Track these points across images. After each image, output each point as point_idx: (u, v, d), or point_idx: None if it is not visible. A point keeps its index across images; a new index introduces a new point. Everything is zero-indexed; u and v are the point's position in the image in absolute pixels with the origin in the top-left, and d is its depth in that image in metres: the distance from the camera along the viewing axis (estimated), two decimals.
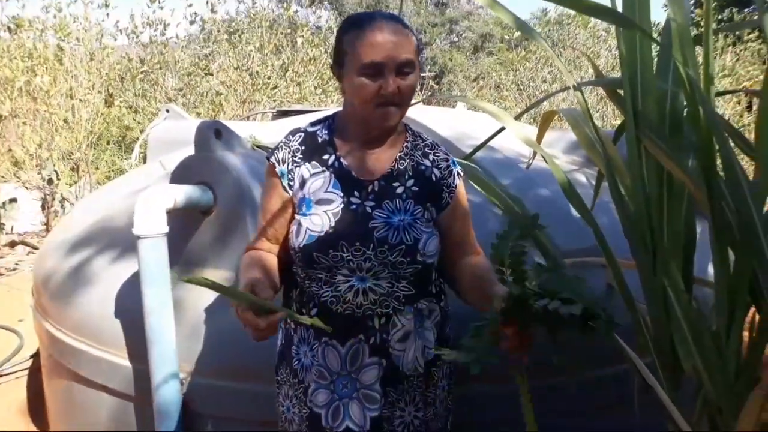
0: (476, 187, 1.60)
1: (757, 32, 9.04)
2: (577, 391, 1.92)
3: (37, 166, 6.80)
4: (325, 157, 1.44)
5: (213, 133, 2.05)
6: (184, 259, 2.08)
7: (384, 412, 1.41)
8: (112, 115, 7.67)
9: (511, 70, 9.64)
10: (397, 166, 1.44)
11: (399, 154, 1.45)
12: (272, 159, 1.46)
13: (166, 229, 1.87)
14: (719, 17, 10.54)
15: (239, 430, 1.93)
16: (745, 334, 1.39)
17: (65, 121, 6.48)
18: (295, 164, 1.43)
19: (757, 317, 1.36)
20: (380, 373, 1.40)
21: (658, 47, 1.53)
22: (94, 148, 7.26)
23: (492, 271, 1.39)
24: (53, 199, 7.00)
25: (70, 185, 7.08)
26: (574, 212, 2.08)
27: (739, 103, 7.05)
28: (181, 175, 2.04)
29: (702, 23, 1.38)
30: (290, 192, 1.43)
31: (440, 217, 1.45)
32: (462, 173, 1.51)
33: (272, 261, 1.44)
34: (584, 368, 1.90)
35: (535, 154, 2.00)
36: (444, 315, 1.51)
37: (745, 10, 10.76)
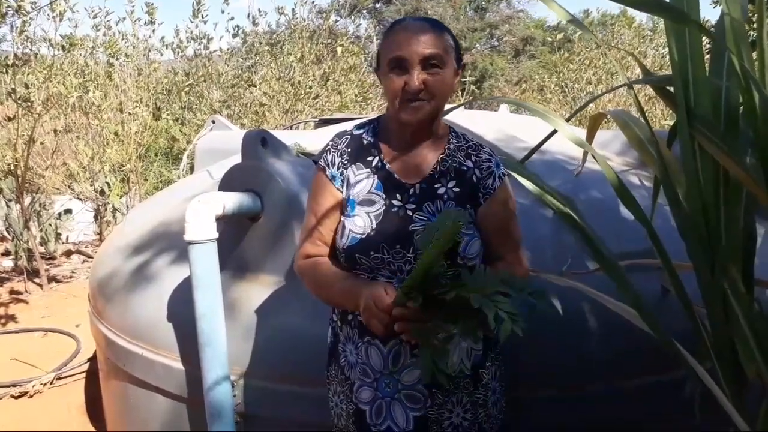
0: (528, 187, 1.58)
1: None
2: (635, 397, 1.87)
3: (89, 178, 7.04)
4: (370, 159, 1.45)
5: (259, 142, 2.09)
6: (234, 263, 2.12)
7: (431, 413, 1.41)
8: (159, 128, 7.88)
9: (554, 73, 9.51)
10: (440, 168, 1.44)
11: (441, 155, 1.45)
12: (321, 162, 1.47)
13: (216, 234, 1.91)
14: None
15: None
16: None
17: (116, 134, 6.70)
18: (343, 166, 1.45)
19: None
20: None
21: (710, 44, 1.49)
22: (143, 160, 7.47)
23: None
24: (105, 209, 7.23)
25: (121, 196, 7.30)
26: (627, 214, 2.04)
27: None
28: (229, 182, 2.08)
29: (754, 19, 1.34)
30: (343, 192, 1.44)
31: (478, 218, 1.43)
32: (505, 175, 1.49)
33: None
34: (642, 374, 1.85)
35: (585, 156, 1.97)
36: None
37: None
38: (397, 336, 1.35)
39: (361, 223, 1.40)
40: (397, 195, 1.41)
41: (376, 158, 1.45)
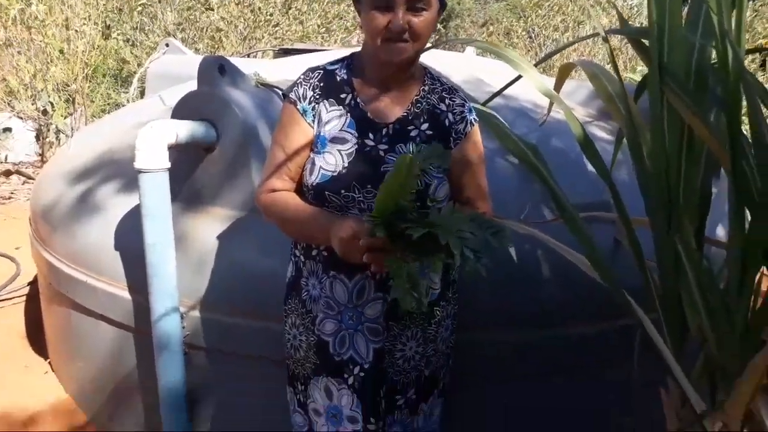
0: (492, 133, 1.56)
1: None
2: (579, 343, 1.93)
3: (31, 96, 6.66)
4: (343, 96, 1.40)
5: (217, 69, 1.98)
6: (185, 194, 2.05)
7: (386, 344, 1.44)
8: (108, 48, 7.45)
9: (522, 17, 9.39)
10: (413, 109, 1.41)
11: (416, 97, 1.42)
12: (293, 96, 1.41)
13: (168, 164, 1.82)
14: None
15: (240, 364, 1.94)
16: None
17: (61, 51, 6.31)
18: (315, 101, 1.40)
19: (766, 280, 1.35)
20: (384, 308, 1.42)
21: None
22: (90, 81, 7.09)
23: None
24: (48, 130, 6.89)
25: (65, 117, 6.95)
26: (586, 166, 2.05)
27: (753, 61, 6.90)
28: (183, 110, 1.98)
29: None
30: (314, 128, 1.39)
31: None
32: (476, 121, 1.47)
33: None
34: (587, 321, 1.91)
35: (551, 105, 1.94)
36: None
37: None
38: (365, 270, 1.35)
39: (332, 160, 1.36)
40: (370, 134, 1.38)
41: (349, 96, 1.40)
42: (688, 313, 1.39)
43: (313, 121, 1.39)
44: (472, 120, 1.46)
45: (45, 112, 6.80)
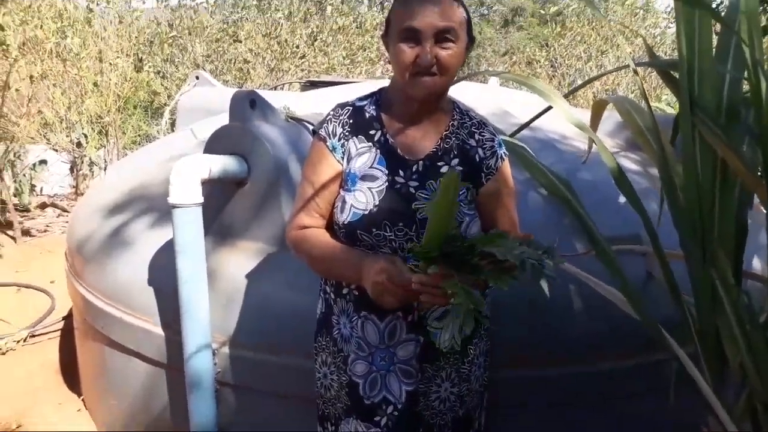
0: (522, 165, 1.56)
1: None
2: (612, 378, 1.89)
3: (66, 128, 6.85)
4: (372, 132, 1.41)
5: (248, 103, 2.03)
6: (216, 229, 2.08)
7: (420, 386, 1.42)
8: (140, 80, 7.67)
9: (545, 47, 9.42)
10: (443, 144, 1.41)
11: (445, 132, 1.42)
12: (322, 132, 1.42)
13: (201, 199, 1.86)
14: None
15: (270, 402, 1.95)
16: None
17: (95, 84, 6.50)
18: (344, 137, 1.41)
19: None
20: (417, 349, 1.40)
21: (718, 29, 1.46)
22: (122, 113, 7.28)
23: None
24: (82, 162, 7.06)
25: (98, 149, 7.12)
26: (618, 198, 2.04)
27: None
28: (215, 144, 2.02)
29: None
30: (344, 165, 1.40)
31: (479, 198, 1.42)
32: (507, 155, 1.47)
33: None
34: (620, 356, 1.87)
35: (591, 143, 1.94)
36: (482, 295, 1.49)
37: None
38: (404, 308, 1.36)
39: (363, 198, 1.37)
40: (400, 171, 1.38)
41: (379, 132, 1.41)
42: (727, 348, 1.36)
43: (343, 157, 1.40)
44: (503, 154, 1.45)
45: (79, 144, 6.98)
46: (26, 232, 5.53)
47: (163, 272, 2.05)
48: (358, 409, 1.42)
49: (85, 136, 6.95)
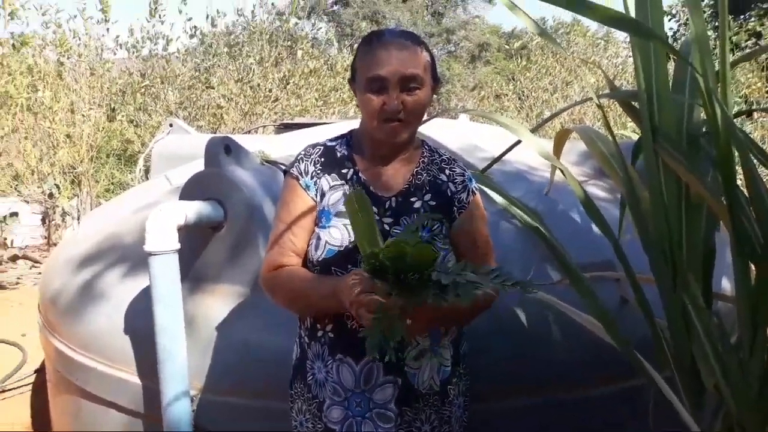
0: (495, 198, 1.59)
1: (754, 39, 9.09)
2: (591, 405, 1.90)
3: (38, 179, 6.79)
4: (344, 171, 1.43)
5: (223, 149, 2.04)
6: (193, 275, 2.07)
7: (399, 431, 1.39)
8: (113, 129, 7.66)
9: (511, 80, 9.66)
10: (415, 181, 1.44)
11: (416, 169, 1.45)
12: (294, 171, 1.44)
13: (178, 245, 1.85)
14: (715, 24, 10.58)
15: None
16: None
17: (67, 136, 6.48)
18: (316, 175, 1.42)
19: None
20: (395, 393, 1.38)
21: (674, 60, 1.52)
22: (94, 162, 7.24)
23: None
24: (54, 212, 6.99)
25: (71, 198, 7.06)
26: (588, 226, 2.08)
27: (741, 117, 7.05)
28: (191, 191, 2.03)
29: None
30: (317, 202, 1.41)
31: (452, 233, 1.44)
32: (477, 190, 1.50)
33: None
34: (598, 383, 1.89)
35: (554, 172, 1.99)
36: (460, 332, 1.50)
37: (741, 17, 10.78)
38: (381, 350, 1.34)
39: (338, 235, 1.38)
40: (374, 208, 1.39)
41: (351, 170, 1.43)
42: (702, 371, 1.38)
43: (316, 195, 1.41)
44: (474, 188, 1.48)
45: (51, 195, 6.92)
46: None
47: (140, 320, 2.02)
48: None
49: (57, 187, 6.89)
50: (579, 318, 1.60)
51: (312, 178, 1.42)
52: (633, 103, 1.65)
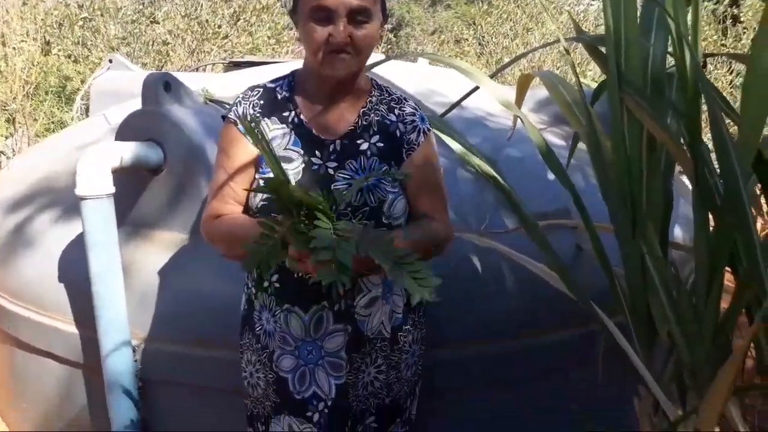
0: (450, 145, 1.52)
1: None
2: (539, 354, 1.90)
3: None
4: (285, 114, 1.34)
5: (162, 86, 1.89)
6: (131, 220, 1.95)
7: (349, 378, 1.36)
8: (50, 65, 7.19)
9: (471, 25, 9.48)
10: (361, 122, 1.35)
11: (363, 109, 1.36)
12: (232, 115, 1.34)
13: (112, 189, 1.73)
14: None
15: (198, 398, 1.85)
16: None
17: None
18: (256, 120, 1.33)
19: (733, 283, 1.34)
20: (345, 340, 1.34)
21: (641, 3, 1.45)
22: (32, 99, 6.82)
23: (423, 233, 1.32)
24: None
25: (7, 137, 6.66)
26: (545, 174, 2.04)
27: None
28: (127, 131, 1.88)
29: None
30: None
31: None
32: (429, 130, 1.41)
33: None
34: (553, 330, 1.88)
35: (516, 120, 1.92)
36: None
37: None
38: (321, 300, 1.29)
39: None
40: (317, 152, 1.32)
41: (292, 113, 1.34)
42: (656, 318, 1.38)
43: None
44: (425, 129, 1.39)
45: None
46: None
47: (75, 268, 1.91)
48: (289, 405, 1.35)
49: None
50: (533, 267, 1.57)
51: (251, 122, 1.32)
52: (599, 48, 1.59)
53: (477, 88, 1.71)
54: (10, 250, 2.17)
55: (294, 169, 1.30)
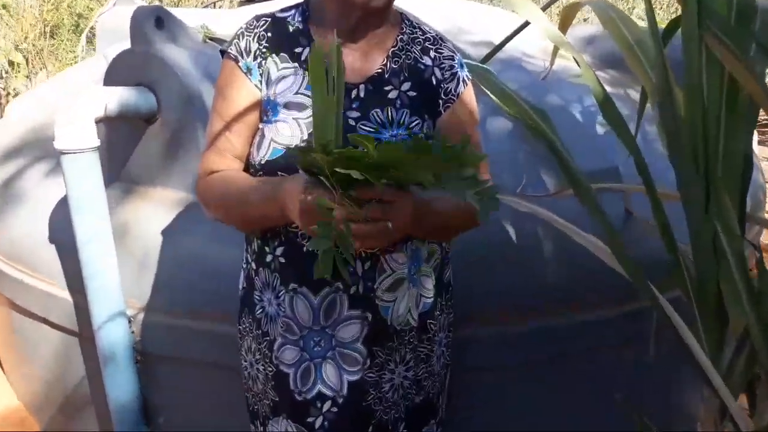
0: (490, 95, 1.27)
1: None
2: (582, 332, 1.68)
3: None
4: (298, 50, 1.10)
5: (153, 22, 1.65)
6: (125, 177, 1.75)
7: (370, 375, 1.14)
8: (66, 2, 6.92)
9: None
10: (390, 64, 1.12)
11: (392, 49, 1.13)
12: (232, 50, 1.11)
13: (97, 142, 1.52)
14: None
15: (199, 372, 1.69)
16: None
17: (3, 6, 5.82)
18: (261, 56, 1.10)
19: None
20: (364, 330, 1.12)
21: None
22: (53, 38, 6.60)
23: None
24: (7, 93, 6.44)
25: (28, 77, 6.50)
26: (590, 127, 1.78)
27: None
28: (115, 74, 1.67)
29: None
30: (262, 90, 1.10)
31: (437, 131, 1.14)
32: (469, 79, 1.18)
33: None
34: (599, 306, 1.66)
35: (555, 55, 1.64)
36: (444, 257, 1.23)
37: None
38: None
39: (287, 131, 1.07)
40: None
41: (307, 49, 1.10)
42: (729, 309, 1.14)
43: (261, 81, 1.10)
44: (465, 77, 1.17)
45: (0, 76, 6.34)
46: None
47: (66, 228, 1.72)
48: (288, 406, 1.15)
49: (12, 64, 6.29)
50: (581, 239, 1.33)
51: (256, 58, 1.10)
52: None
53: (526, 24, 1.44)
54: (1, 206, 2.00)
55: (306, 118, 1.07)
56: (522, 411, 1.68)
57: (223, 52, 1.14)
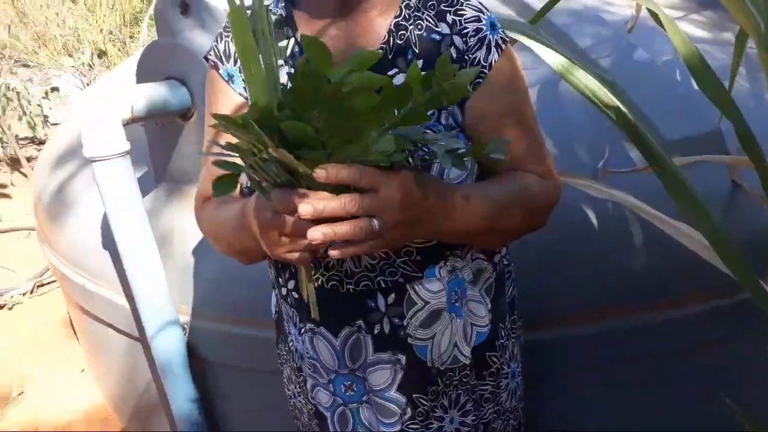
0: (545, 58, 1.03)
1: None
2: (682, 326, 1.43)
3: (78, 50, 6.42)
4: (283, 43, 0.91)
5: (178, 8, 1.53)
6: (169, 176, 1.67)
7: (412, 426, 0.95)
8: None
9: None
10: (394, 41, 0.87)
11: (395, 20, 0.88)
12: (211, 56, 0.95)
13: (127, 146, 1.43)
14: None
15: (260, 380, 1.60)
16: None
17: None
18: None
19: None
20: (397, 375, 0.93)
21: None
22: (130, 27, 6.76)
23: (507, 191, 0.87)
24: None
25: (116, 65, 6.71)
26: (686, 84, 1.50)
27: None
28: (144, 70, 1.56)
29: None
30: (247, 97, 0.93)
31: (466, 118, 0.88)
32: (506, 42, 0.89)
33: None
34: (689, 301, 1.41)
35: (639, 6, 1.36)
36: (501, 274, 0.99)
37: None
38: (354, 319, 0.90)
39: None
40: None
41: (292, 40, 0.91)
42: None
43: (245, 88, 0.91)
44: (499, 40, 0.88)
45: (91, 67, 6.56)
46: None
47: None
48: None
49: (104, 52, 6.50)
50: (672, 230, 1.09)
51: (236, 63, 0.92)
52: None
53: None
54: (59, 209, 1.99)
55: None
56: (616, 413, 1.48)
57: (205, 59, 0.97)
